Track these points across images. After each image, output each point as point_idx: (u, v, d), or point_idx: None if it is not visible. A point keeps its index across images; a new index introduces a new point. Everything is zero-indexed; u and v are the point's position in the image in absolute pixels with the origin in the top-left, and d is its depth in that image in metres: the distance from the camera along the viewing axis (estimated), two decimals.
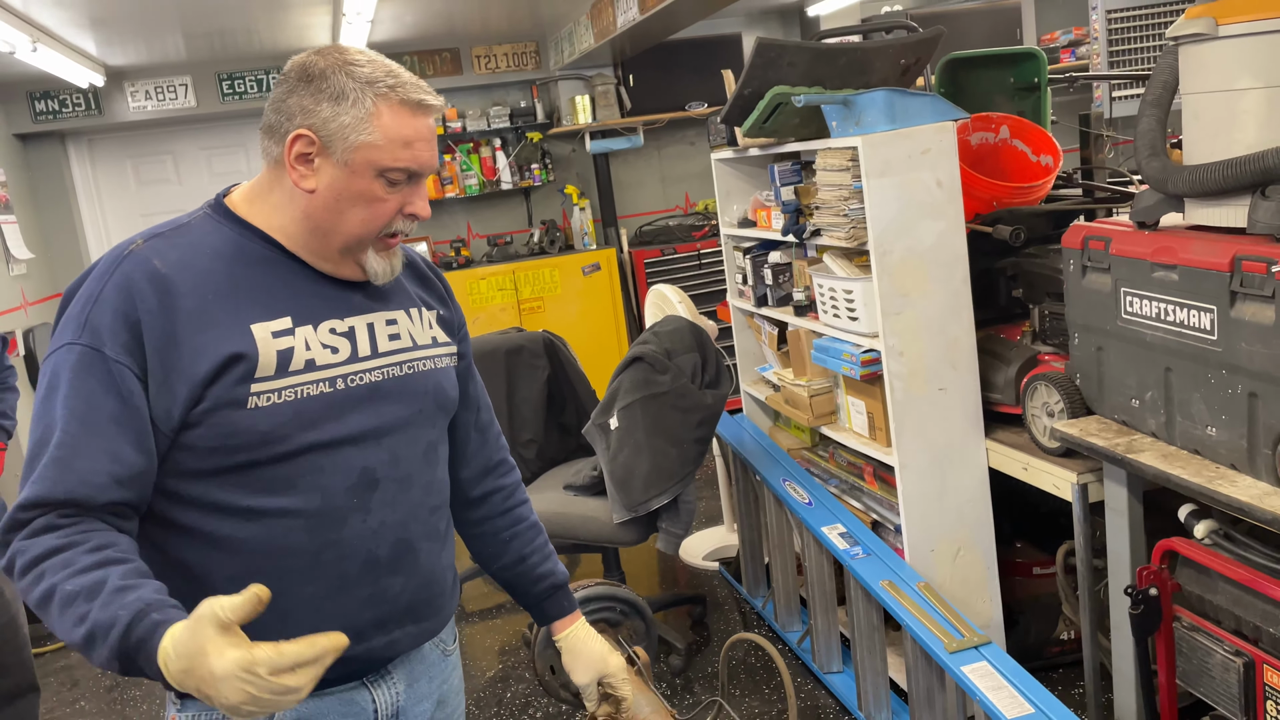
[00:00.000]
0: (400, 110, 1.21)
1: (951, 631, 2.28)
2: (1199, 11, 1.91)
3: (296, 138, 1.21)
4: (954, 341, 2.55)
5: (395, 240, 1.30)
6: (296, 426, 1.21)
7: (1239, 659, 1.88)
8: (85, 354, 1.15)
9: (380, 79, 1.21)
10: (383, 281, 1.31)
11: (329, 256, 1.27)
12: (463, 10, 4.92)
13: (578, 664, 1.54)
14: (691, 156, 6.46)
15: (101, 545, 1.10)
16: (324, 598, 1.24)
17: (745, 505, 3.50)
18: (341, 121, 1.20)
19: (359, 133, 1.20)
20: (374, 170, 1.21)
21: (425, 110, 1.24)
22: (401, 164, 1.22)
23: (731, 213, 3.45)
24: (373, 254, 1.27)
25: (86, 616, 1.04)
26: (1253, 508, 1.78)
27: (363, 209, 1.23)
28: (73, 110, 5.39)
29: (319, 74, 1.21)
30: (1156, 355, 2.05)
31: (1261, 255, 1.76)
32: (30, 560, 1.09)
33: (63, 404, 1.14)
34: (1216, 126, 1.92)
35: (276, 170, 1.25)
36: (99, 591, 1.05)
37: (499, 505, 1.54)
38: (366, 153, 1.20)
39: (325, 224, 1.24)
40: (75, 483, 1.12)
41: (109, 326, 1.15)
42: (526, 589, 1.56)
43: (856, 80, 2.72)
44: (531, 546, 1.55)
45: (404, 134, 1.22)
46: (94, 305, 1.16)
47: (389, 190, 1.23)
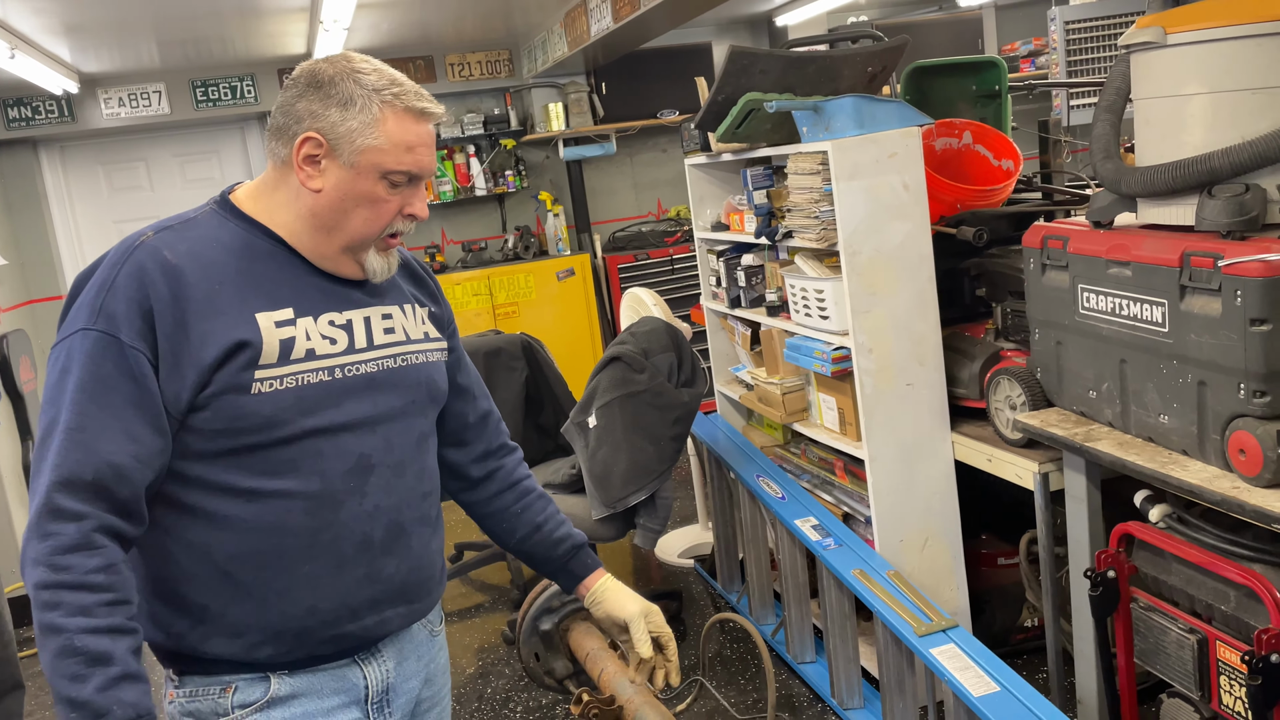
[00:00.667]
0: (404, 116, 1.29)
1: (920, 616, 2.37)
2: (1149, 21, 2.01)
3: (305, 140, 1.28)
4: (921, 339, 2.65)
5: (395, 240, 1.37)
6: (298, 412, 1.27)
7: (1193, 636, 1.97)
8: (101, 339, 1.20)
9: (386, 86, 1.28)
10: (380, 279, 1.37)
11: (330, 254, 1.33)
12: (437, 19, 4.98)
13: (624, 598, 1.57)
14: (663, 163, 6.55)
15: (118, 601, 1.17)
16: (321, 576, 1.30)
17: (720, 502, 3.58)
18: (349, 126, 1.27)
19: (365, 137, 1.27)
20: (378, 173, 1.28)
21: (427, 117, 1.31)
22: (404, 167, 1.29)
23: (705, 216, 3.53)
24: (373, 253, 1.34)
25: (82, 681, 1.13)
26: (1202, 490, 1.88)
27: (366, 209, 1.30)
28: (45, 117, 5.39)
29: (328, 80, 1.28)
30: (1112, 348, 2.15)
31: (1208, 251, 1.86)
32: (56, 582, 1.14)
33: (79, 388, 1.19)
34: (1166, 130, 2.02)
35: (283, 170, 1.31)
36: (100, 664, 1.14)
37: (503, 481, 1.60)
38: (372, 156, 1.27)
39: (330, 222, 1.31)
40: (101, 463, 1.17)
41: (124, 313, 1.21)
42: (548, 555, 1.60)
43: (826, 87, 2.81)
44: (544, 515, 1.61)
45: (407, 139, 1.29)
46: (108, 293, 1.22)
47: (391, 192, 1.30)
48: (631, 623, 1.56)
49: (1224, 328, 1.83)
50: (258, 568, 1.27)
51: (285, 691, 1.32)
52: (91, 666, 1.13)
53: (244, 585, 1.27)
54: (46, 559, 1.15)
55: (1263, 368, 1.78)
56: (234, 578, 1.27)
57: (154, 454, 1.21)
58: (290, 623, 1.29)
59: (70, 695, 1.13)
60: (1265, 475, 1.79)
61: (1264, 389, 1.79)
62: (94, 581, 1.15)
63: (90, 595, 1.15)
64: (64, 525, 1.16)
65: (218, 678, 1.30)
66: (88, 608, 1.14)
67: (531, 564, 1.64)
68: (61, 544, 1.15)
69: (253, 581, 1.27)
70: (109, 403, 1.19)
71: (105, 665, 1.14)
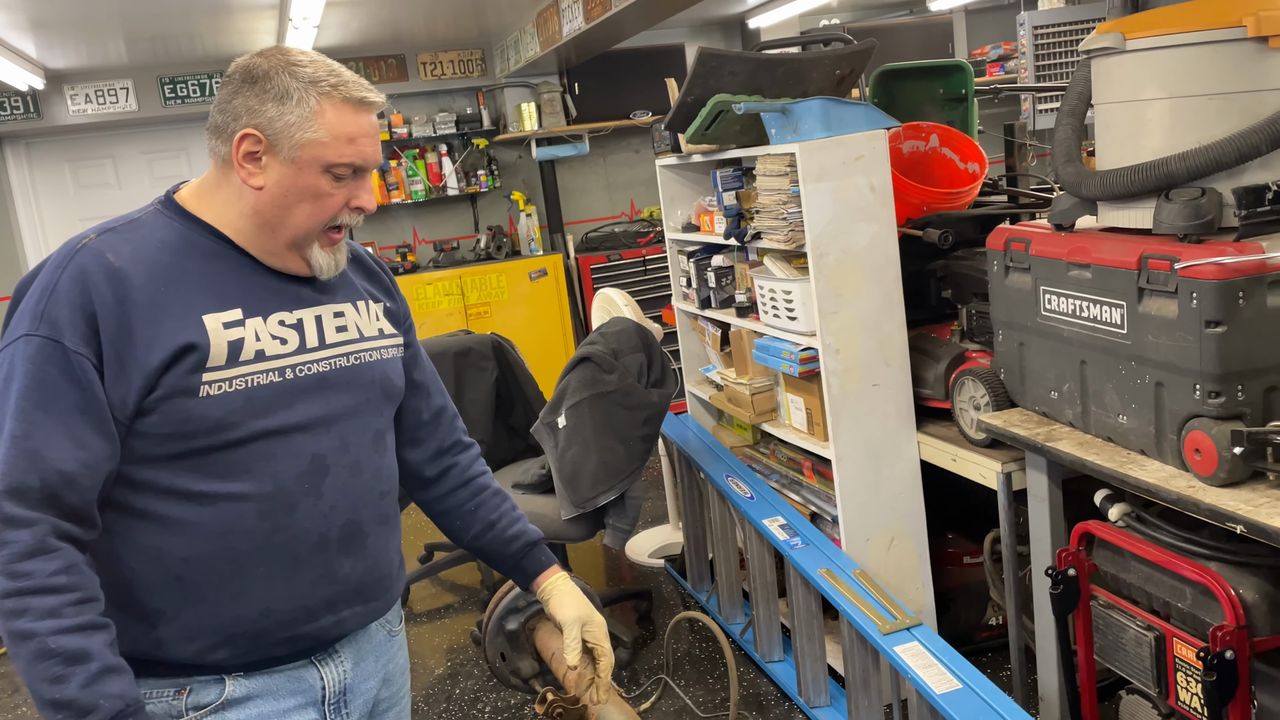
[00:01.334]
0: (343, 107, 1.27)
1: (885, 614, 2.39)
2: (1109, 27, 2.04)
3: (244, 137, 1.26)
4: (887, 339, 2.67)
5: (340, 234, 1.35)
6: (248, 414, 1.25)
7: (1150, 633, 1.99)
8: (44, 345, 1.18)
9: (323, 78, 1.27)
10: (327, 276, 1.35)
11: (276, 251, 1.31)
12: (409, 17, 4.96)
13: (566, 601, 1.55)
14: (636, 164, 6.56)
15: (85, 599, 1.16)
16: (276, 577, 1.29)
17: (690, 503, 3.59)
18: (287, 120, 1.25)
19: (304, 130, 1.25)
20: (320, 166, 1.27)
21: (368, 107, 1.30)
22: (346, 159, 1.28)
23: (676, 217, 3.54)
24: (318, 248, 1.32)
25: (63, 682, 1.12)
26: (1159, 489, 1.91)
27: (309, 204, 1.28)
28: (10, 113, 5.32)
29: (263, 75, 1.26)
30: (1073, 349, 2.18)
31: (1165, 254, 1.89)
32: (18, 589, 1.13)
33: (23, 394, 1.17)
34: (1125, 134, 2.05)
35: (224, 168, 1.30)
36: (79, 662, 1.13)
37: (457, 478, 1.59)
38: (312, 150, 1.26)
39: (273, 219, 1.29)
40: (49, 471, 1.16)
41: (67, 318, 1.19)
42: (502, 552, 1.59)
43: (794, 90, 2.83)
44: (498, 512, 1.59)
45: (348, 130, 1.27)
46: (49, 298, 1.20)
47: (334, 185, 1.29)
48: (566, 627, 1.54)
49: (1180, 329, 1.86)
50: (210, 571, 1.26)
51: (240, 693, 1.31)
52: (70, 665, 1.12)
53: (197, 588, 1.26)
54: (4, 567, 1.13)
55: (1217, 369, 1.81)
56: (187, 581, 1.26)
57: (102, 459, 1.20)
58: (245, 625, 1.28)
59: (54, 697, 1.12)
60: (1220, 475, 1.82)
61: (1219, 390, 1.82)
62: (57, 584, 1.14)
63: (56, 597, 1.14)
64: (17, 533, 1.14)
65: (172, 680, 1.29)
66: (56, 609, 1.13)
67: (487, 561, 1.64)
68: (17, 551, 1.14)
69: (206, 585, 1.26)
70: (54, 409, 1.17)
71: (84, 662, 1.13)
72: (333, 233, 1.33)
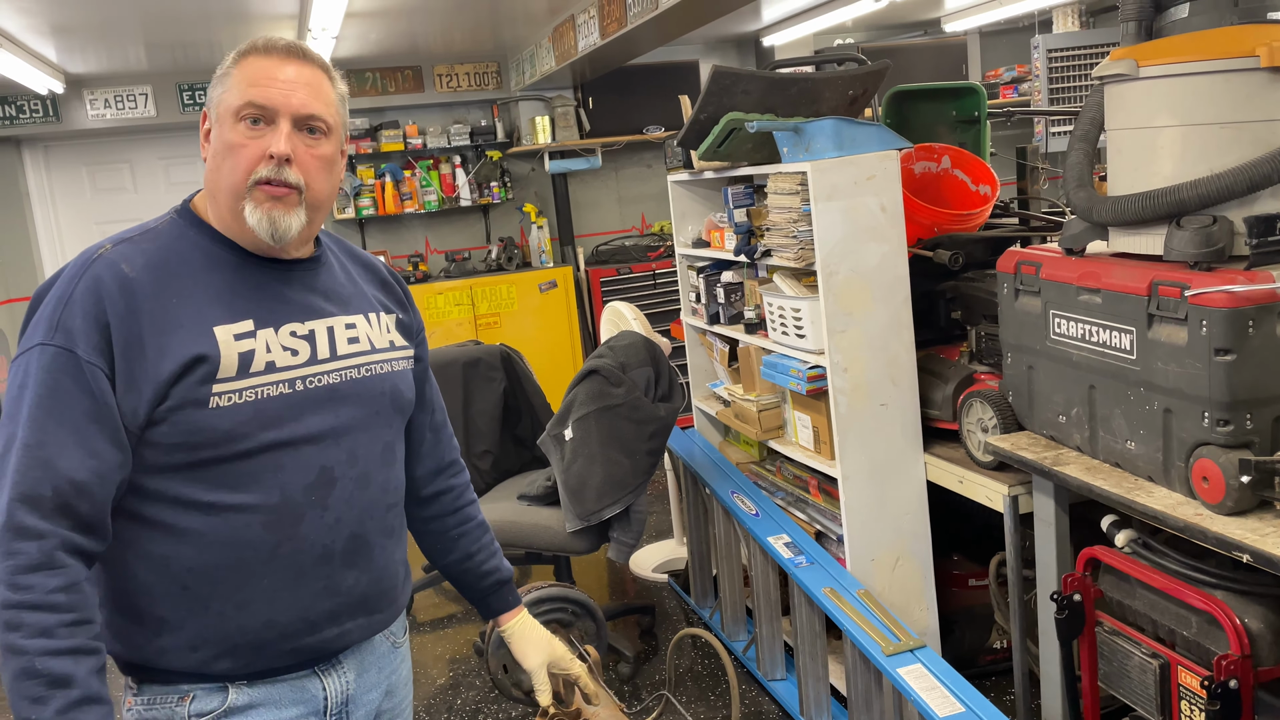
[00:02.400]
0: (253, 58, 1.30)
1: (889, 635, 2.38)
2: (1122, 54, 2.05)
3: (203, 119, 1.33)
4: (895, 359, 2.67)
5: (279, 190, 1.27)
6: (257, 426, 1.26)
7: (1155, 661, 1.99)
8: (58, 354, 1.19)
9: (251, 46, 1.31)
10: (267, 239, 1.28)
11: (229, 225, 1.31)
12: (426, 29, 5.00)
13: (528, 648, 1.60)
14: (648, 179, 6.58)
15: (80, 621, 1.16)
16: (280, 589, 1.29)
17: (695, 518, 3.59)
18: (217, 91, 1.31)
19: (224, 89, 1.29)
20: (231, 116, 1.28)
21: (278, 52, 1.30)
22: (248, 98, 1.27)
23: (686, 233, 3.55)
24: (249, 206, 1.27)
25: (41, 703, 1.12)
26: (1166, 516, 1.90)
27: (229, 158, 1.28)
28: (30, 116, 5.36)
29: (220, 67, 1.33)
30: (1081, 374, 2.18)
31: (1176, 280, 1.90)
32: (18, 602, 1.13)
33: (36, 403, 1.18)
34: (1137, 161, 2.05)
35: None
36: (61, 687, 1.13)
37: (449, 504, 1.60)
38: (226, 103, 1.29)
39: (213, 186, 1.31)
40: (61, 480, 1.16)
41: (81, 328, 1.20)
42: (473, 584, 1.63)
43: (807, 109, 2.84)
44: (479, 544, 1.62)
45: (252, 75, 1.28)
46: (65, 307, 1.21)
47: (248, 134, 1.27)
48: (532, 674, 1.59)
49: (1189, 357, 1.86)
50: (216, 581, 1.26)
51: (243, 701, 1.31)
52: (52, 689, 1.12)
53: (202, 598, 1.26)
54: (8, 578, 1.14)
55: (1226, 397, 1.81)
56: (192, 591, 1.26)
57: (113, 469, 1.20)
58: (248, 636, 1.28)
59: (29, 717, 1.12)
60: (1227, 503, 1.81)
61: (1227, 418, 1.81)
62: (56, 601, 1.14)
63: (52, 615, 1.14)
64: (26, 544, 1.14)
65: (175, 687, 1.29)
66: (49, 629, 1.13)
67: (456, 586, 1.66)
68: (22, 563, 1.14)
69: (211, 594, 1.26)
70: (67, 418, 1.18)
71: (66, 688, 1.13)
72: (267, 187, 1.27)
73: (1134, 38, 2.08)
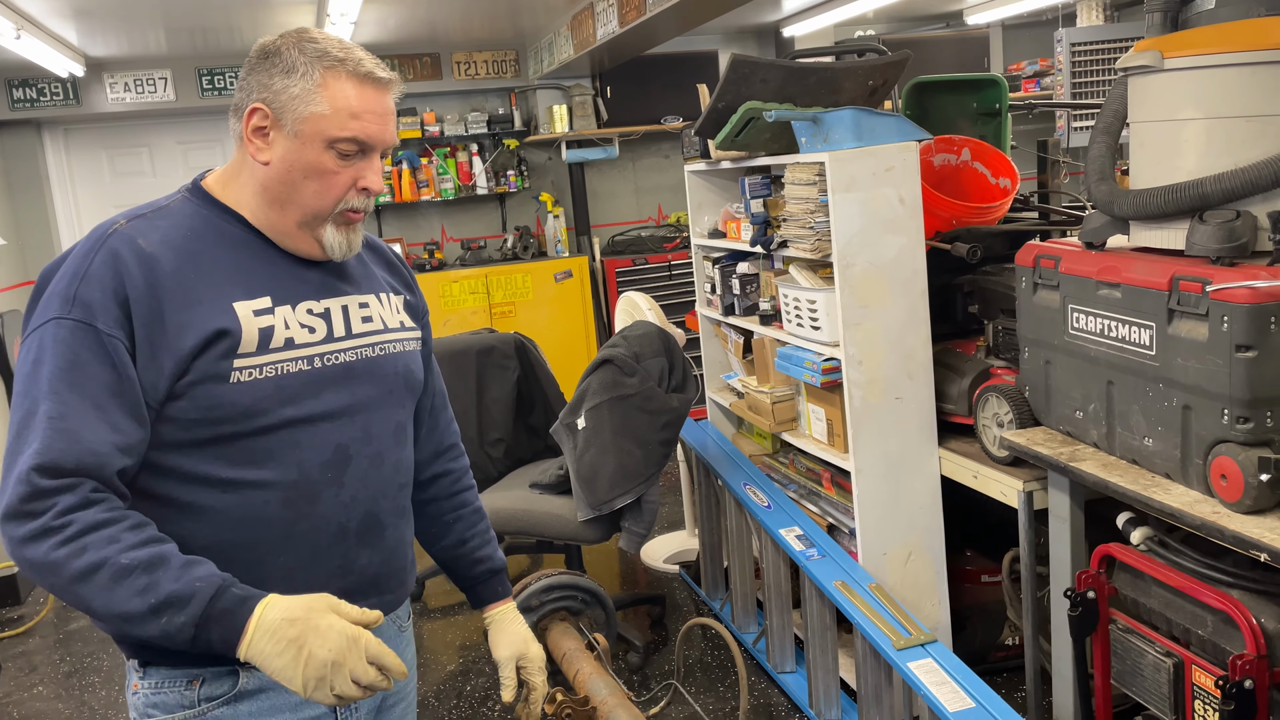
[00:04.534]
0: (347, 81, 1.25)
1: (900, 630, 2.37)
2: (1147, 45, 2.02)
3: (252, 111, 1.26)
4: (911, 353, 2.65)
5: (357, 216, 1.32)
6: (276, 401, 1.25)
7: (1169, 660, 1.97)
8: (76, 328, 1.17)
9: (331, 53, 1.25)
10: (339, 257, 1.33)
11: (288, 230, 1.30)
12: (445, 17, 4.99)
13: (502, 640, 1.59)
14: (665, 169, 6.56)
15: (140, 523, 1.15)
16: (296, 567, 1.29)
17: (707, 509, 3.58)
18: (291, 93, 1.24)
19: (307, 103, 1.24)
20: (323, 141, 1.25)
21: (374, 83, 1.27)
22: (349, 133, 1.25)
23: (703, 223, 3.54)
24: (331, 229, 1.30)
25: (153, 588, 1.10)
26: (1183, 514, 1.88)
27: (315, 181, 1.26)
28: (50, 99, 5.39)
29: (274, 51, 1.26)
30: (1099, 369, 2.15)
31: (1197, 276, 1.87)
32: (71, 535, 1.10)
33: (56, 376, 1.16)
34: (1160, 154, 2.03)
35: (241, 148, 1.30)
36: (160, 566, 1.11)
37: (446, 488, 1.60)
38: (315, 123, 1.24)
39: (280, 196, 1.28)
40: (84, 452, 1.14)
41: (99, 301, 1.18)
42: (464, 570, 1.62)
43: (826, 99, 2.82)
44: (473, 531, 1.61)
45: (351, 105, 1.25)
46: (81, 281, 1.19)
47: (340, 163, 1.27)
48: (500, 665, 1.59)
49: (1210, 353, 1.84)
50: (232, 559, 1.24)
51: (253, 685, 1.30)
52: (153, 571, 1.10)
53: None
54: (43, 527, 1.10)
55: (1246, 394, 1.78)
56: None
57: (135, 444, 1.19)
58: None
59: (151, 603, 1.09)
60: (1245, 501, 1.79)
61: (1247, 415, 1.79)
62: (105, 518, 1.12)
63: (110, 529, 1.11)
64: (49, 500, 1.12)
65: (184, 670, 1.28)
66: (114, 536, 1.11)
67: (446, 571, 1.65)
68: (56, 509, 1.11)
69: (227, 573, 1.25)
70: (88, 391, 1.16)
71: (165, 564, 1.11)
72: (349, 213, 1.30)
73: (1159, 29, 2.05)
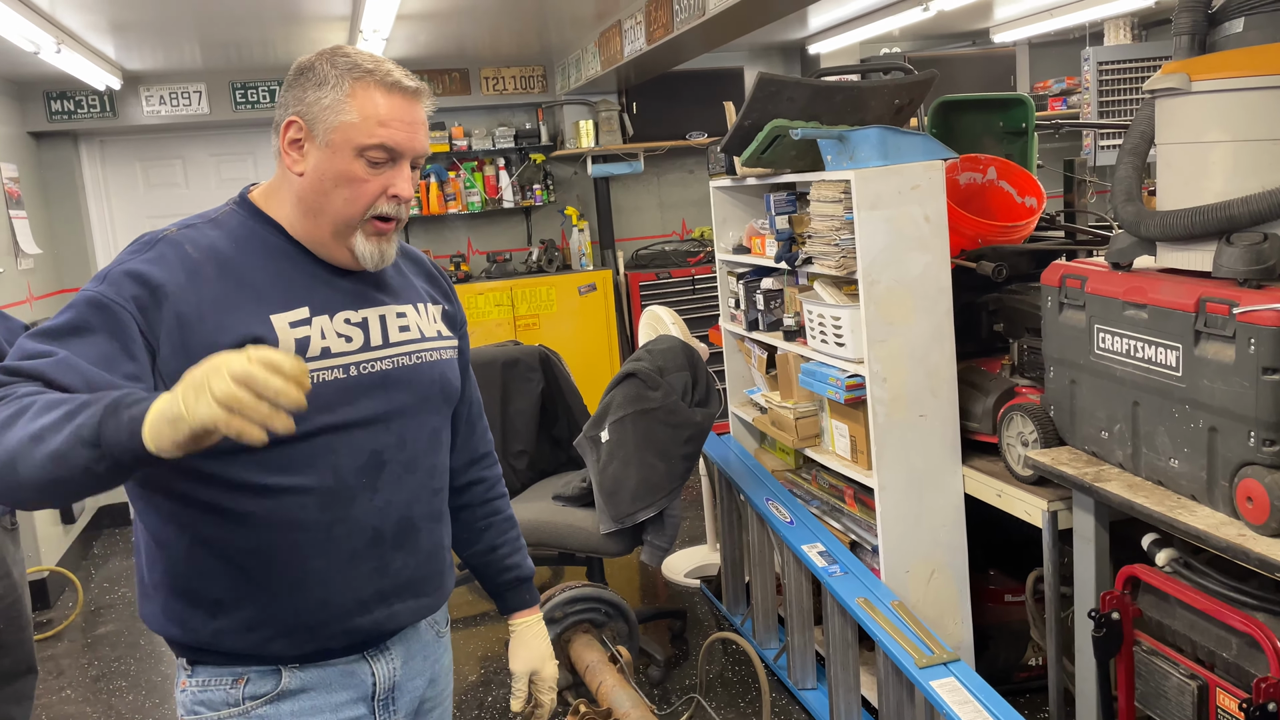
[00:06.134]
0: (375, 90, 1.29)
1: (922, 648, 2.37)
2: (1175, 67, 2.03)
3: (288, 124, 1.31)
4: (935, 370, 2.66)
5: (388, 225, 1.34)
6: (312, 409, 1.26)
7: (1194, 682, 1.96)
8: (95, 299, 1.21)
9: (361, 65, 1.30)
10: (372, 267, 1.36)
11: (323, 239, 1.34)
12: (474, 32, 5.05)
13: (520, 653, 1.63)
14: (690, 184, 6.59)
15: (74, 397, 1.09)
16: (333, 570, 1.32)
17: (728, 524, 3.59)
18: (323, 104, 1.29)
19: (338, 113, 1.28)
20: (353, 149, 1.29)
21: (402, 92, 1.31)
22: (377, 140, 1.29)
23: (727, 239, 3.56)
24: (361, 237, 1.33)
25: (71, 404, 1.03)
26: (1209, 536, 1.88)
27: (345, 189, 1.30)
28: (88, 111, 5.49)
29: (309, 67, 1.32)
30: (1125, 389, 2.15)
31: (1224, 298, 1.87)
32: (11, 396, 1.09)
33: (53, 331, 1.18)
34: (1187, 176, 2.03)
35: (280, 162, 1.35)
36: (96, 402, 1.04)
37: (480, 495, 1.63)
38: (345, 132, 1.28)
39: (314, 205, 1.32)
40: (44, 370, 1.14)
41: (129, 284, 1.22)
42: (493, 577, 1.66)
43: (852, 117, 2.83)
44: (504, 538, 1.65)
45: (379, 113, 1.29)
46: (120, 266, 1.25)
47: (370, 171, 1.30)
48: (514, 677, 1.62)
49: (1236, 375, 1.84)
50: (272, 562, 1.29)
51: (295, 685, 1.34)
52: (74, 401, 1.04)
53: (258, 580, 1.29)
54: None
55: (1273, 416, 1.78)
56: (248, 572, 1.29)
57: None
58: (302, 616, 1.31)
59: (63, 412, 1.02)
60: (1272, 524, 1.79)
61: (1274, 438, 1.79)
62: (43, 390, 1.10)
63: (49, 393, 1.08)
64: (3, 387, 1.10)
65: (230, 669, 1.32)
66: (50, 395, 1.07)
67: (476, 577, 1.68)
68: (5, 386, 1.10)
69: (267, 576, 1.29)
70: (80, 351, 1.16)
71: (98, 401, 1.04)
72: (378, 222, 1.33)
73: (1187, 51, 2.06)
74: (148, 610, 1.36)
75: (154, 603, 1.34)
